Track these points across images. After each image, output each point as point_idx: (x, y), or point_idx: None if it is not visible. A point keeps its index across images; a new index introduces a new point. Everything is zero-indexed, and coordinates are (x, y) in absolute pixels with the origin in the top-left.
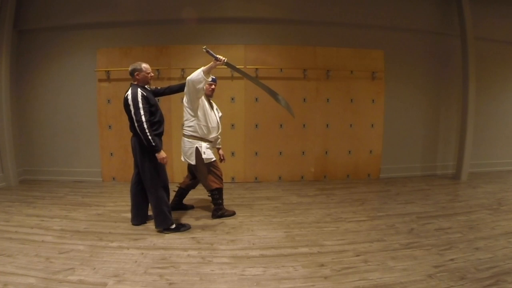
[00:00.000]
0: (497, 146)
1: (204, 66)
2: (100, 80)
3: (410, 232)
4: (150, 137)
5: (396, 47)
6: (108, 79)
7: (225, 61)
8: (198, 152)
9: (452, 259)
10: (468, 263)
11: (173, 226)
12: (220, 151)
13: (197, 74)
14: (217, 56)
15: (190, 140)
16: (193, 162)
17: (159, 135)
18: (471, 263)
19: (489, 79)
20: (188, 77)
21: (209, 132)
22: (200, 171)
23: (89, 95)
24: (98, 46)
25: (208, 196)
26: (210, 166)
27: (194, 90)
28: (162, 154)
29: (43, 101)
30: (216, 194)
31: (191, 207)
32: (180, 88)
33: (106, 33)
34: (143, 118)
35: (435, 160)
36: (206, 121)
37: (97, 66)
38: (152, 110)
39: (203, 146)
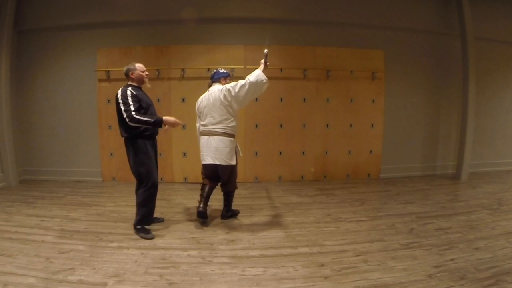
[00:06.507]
0: (497, 146)
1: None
2: (100, 80)
3: (410, 232)
4: (145, 119)
5: (396, 47)
6: (108, 79)
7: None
8: (236, 152)
9: (452, 259)
10: (468, 263)
11: (139, 226)
12: None
13: (262, 76)
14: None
15: (232, 139)
16: (234, 162)
17: (150, 137)
18: (471, 263)
19: (489, 79)
20: (252, 79)
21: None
22: (233, 172)
23: (89, 95)
24: (98, 46)
25: (228, 196)
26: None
27: (259, 91)
28: (169, 119)
29: (43, 101)
30: (233, 195)
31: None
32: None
33: (106, 33)
34: (132, 109)
35: (435, 160)
36: (238, 120)
37: (97, 66)
38: (143, 107)
39: (238, 145)
